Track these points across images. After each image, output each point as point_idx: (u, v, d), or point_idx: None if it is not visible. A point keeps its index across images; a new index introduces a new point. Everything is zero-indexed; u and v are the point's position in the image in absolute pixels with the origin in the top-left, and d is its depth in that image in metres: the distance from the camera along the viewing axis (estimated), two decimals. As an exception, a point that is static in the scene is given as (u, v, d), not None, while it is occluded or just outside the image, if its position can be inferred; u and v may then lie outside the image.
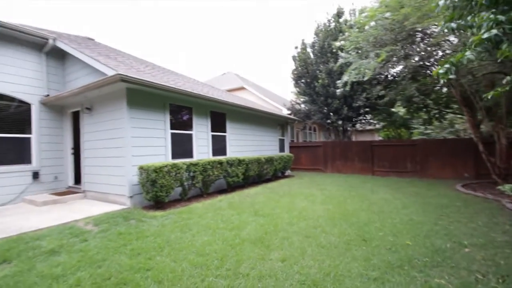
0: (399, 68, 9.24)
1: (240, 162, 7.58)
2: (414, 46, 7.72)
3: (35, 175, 6.54)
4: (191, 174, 6.08)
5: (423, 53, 7.74)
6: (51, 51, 6.89)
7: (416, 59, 8.06)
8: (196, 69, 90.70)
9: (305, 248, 3.46)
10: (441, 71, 3.11)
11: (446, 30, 3.13)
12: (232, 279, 2.66)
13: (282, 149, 12.01)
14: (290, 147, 13.66)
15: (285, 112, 14.79)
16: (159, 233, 3.92)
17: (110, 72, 5.04)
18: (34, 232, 3.85)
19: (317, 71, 12.01)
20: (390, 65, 8.36)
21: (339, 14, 12.59)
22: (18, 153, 6.38)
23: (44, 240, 3.50)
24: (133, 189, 5.47)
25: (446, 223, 4.40)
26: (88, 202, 5.98)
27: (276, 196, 6.85)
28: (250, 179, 8.38)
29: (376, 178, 10.47)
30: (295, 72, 13.77)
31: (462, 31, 3.72)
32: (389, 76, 10.69)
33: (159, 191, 5.14)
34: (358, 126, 15.89)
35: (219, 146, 8.16)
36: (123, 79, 4.91)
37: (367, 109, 12.68)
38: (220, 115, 8.33)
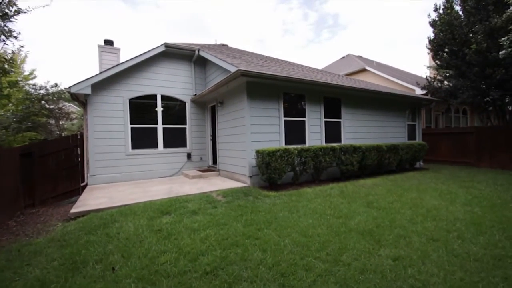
0: None
1: (355, 149, 7.03)
2: None
3: (189, 156, 8.71)
4: (302, 159, 6.25)
5: None
6: (196, 60, 8.80)
7: None
8: (317, 58, 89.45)
9: (428, 252, 2.89)
10: None
11: None
12: (332, 264, 2.63)
13: (412, 136, 10.07)
14: (424, 134, 11.22)
15: (418, 92, 12.21)
16: (269, 210, 4.35)
17: (233, 69, 5.90)
18: (185, 196, 5.21)
19: (470, 34, 8.99)
20: None
21: None
22: (179, 139, 8.68)
23: (190, 203, 4.68)
24: (252, 170, 6.27)
25: None
26: (221, 178, 7.38)
27: (399, 189, 5.92)
28: (367, 169, 7.62)
29: None
30: (435, 40, 10.95)
31: None
32: None
33: (272, 173, 5.65)
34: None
35: (333, 133, 7.87)
36: (243, 73, 5.64)
37: None
38: (334, 100, 7.96)
